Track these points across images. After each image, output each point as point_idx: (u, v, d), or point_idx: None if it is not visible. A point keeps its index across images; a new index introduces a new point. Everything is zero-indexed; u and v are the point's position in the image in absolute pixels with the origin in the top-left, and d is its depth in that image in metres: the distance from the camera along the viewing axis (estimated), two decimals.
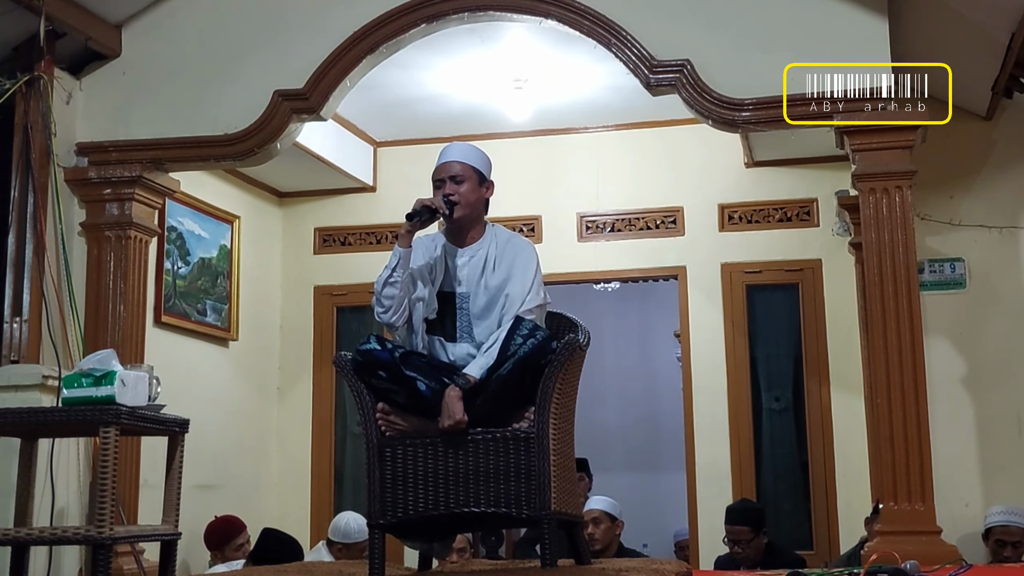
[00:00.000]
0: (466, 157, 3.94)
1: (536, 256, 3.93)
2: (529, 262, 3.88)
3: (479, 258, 3.90)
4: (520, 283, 3.83)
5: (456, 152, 3.95)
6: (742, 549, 5.91)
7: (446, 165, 3.91)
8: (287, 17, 5.75)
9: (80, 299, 5.58)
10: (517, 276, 3.85)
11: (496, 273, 3.87)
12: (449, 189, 3.87)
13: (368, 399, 3.75)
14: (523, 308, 3.78)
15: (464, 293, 3.87)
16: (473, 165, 3.92)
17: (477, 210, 3.93)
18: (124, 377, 3.91)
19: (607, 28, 5.37)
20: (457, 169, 3.90)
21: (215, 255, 6.97)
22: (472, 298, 3.86)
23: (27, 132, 5.44)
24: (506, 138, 7.41)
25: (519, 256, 3.89)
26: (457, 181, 3.88)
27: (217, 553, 6.07)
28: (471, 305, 3.85)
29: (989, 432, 6.21)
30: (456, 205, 3.85)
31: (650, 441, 9.75)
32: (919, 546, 4.68)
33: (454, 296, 3.88)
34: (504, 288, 3.84)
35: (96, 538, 3.81)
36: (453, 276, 3.90)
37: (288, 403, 7.60)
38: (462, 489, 3.64)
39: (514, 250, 3.91)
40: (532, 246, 3.98)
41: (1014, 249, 6.35)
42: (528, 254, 3.91)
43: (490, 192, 3.98)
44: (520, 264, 3.87)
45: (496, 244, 3.92)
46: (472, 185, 3.90)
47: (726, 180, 7.18)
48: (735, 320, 7.05)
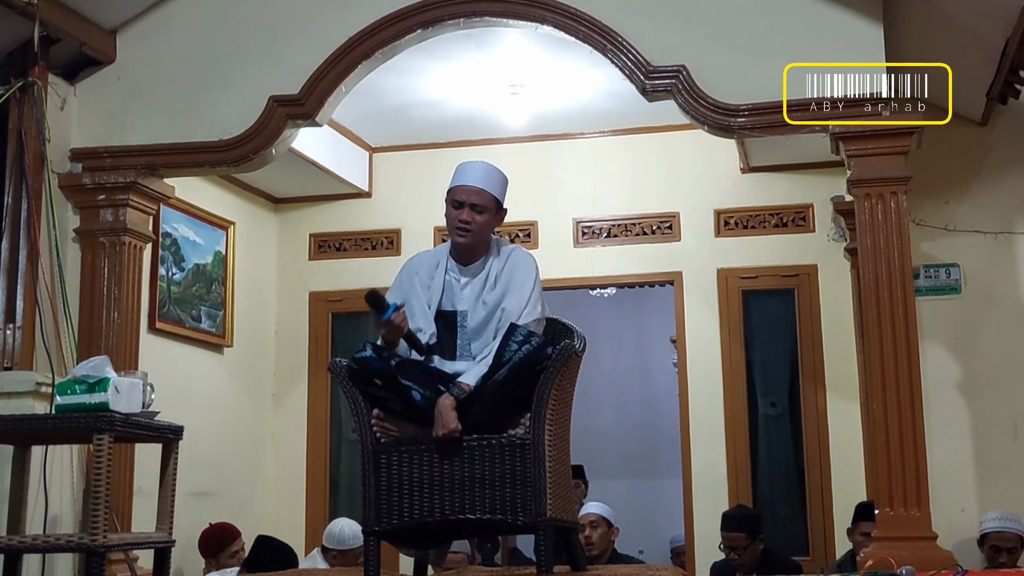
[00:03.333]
0: (490, 185, 3.92)
1: (536, 270, 3.92)
2: (528, 276, 3.88)
3: (481, 276, 3.91)
4: (517, 297, 3.83)
5: (480, 176, 3.92)
6: (738, 555, 5.90)
7: (468, 189, 3.89)
8: (282, 22, 5.75)
9: (74, 305, 5.56)
10: (514, 290, 3.85)
11: (495, 289, 3.87)
12: (467, 217, 3.86)
13: (363, 405, 3.74)
14: (520, 322, 3.77)
15: (464, 311, 3.88)
16: (495, 195, 3.92)
17: (487, 237, 3.95)
18: (118, 384, 3.90)
19: (603, 34, 5.37)
20: (480, 198, 3.88)
21: (210, 261, 6.96)
22: (470, 314, 3.86)
23: (21, 138, 5.43)
24: (502, 144, 7.40)
25: (517, 270, 3.89)
26: (478, 211, 3.87)
27: (212, 561, 6.05)
28: (469, 321, 3.85)
29: (985, 437, 6.20)
30: (470, 233, 3.86)
31: (646, 447, 9.74)
32: (915, 551, 4.67)
33: (455, 315, 3.88)
34: (501, 303, 3.84)
35: (90, 546, 3.81)
36: (456, 295, 3.91)
37: (283, 409, 7.58)
38: (457, 496, 3.63)
39: (513, 265, 3.91)
40: (533, 260, 3.96)
41: (1009, 254, 6.35)
42: (527, 268, 3.90)
43: (503, 218, 3.99)
44: (518, 278, 3.87)
45: (498, 260, 3.93)
46: (489, 216, 3.91)
47: (722, 185, 7.18)
48: (731, 325, 7.05)
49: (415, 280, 3.94)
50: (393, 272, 7.46)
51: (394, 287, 3.98)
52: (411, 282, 3.94)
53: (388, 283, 7.44)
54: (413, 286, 3.92)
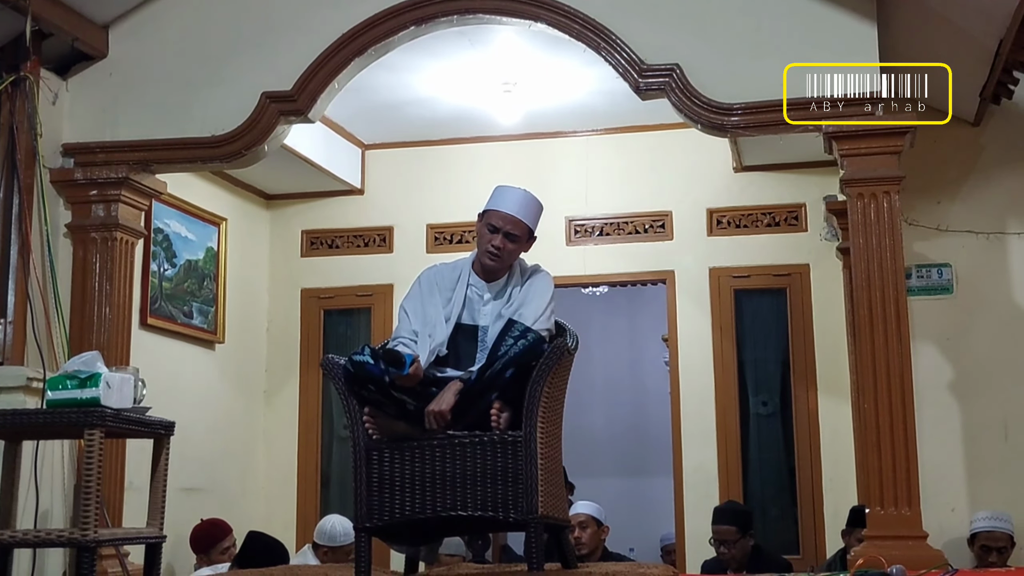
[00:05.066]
0: (527, 215, 3.96)
1: (551, 287, 3.99)
2: (545, 291, 3.95)
3: (504, 295, 3.97)
4: (534, 307, 3.88)
5: (518, 206, 3.96)
6: (728, 549, 5.90)
7: (507, 217, 3.93)
8: (275, 19, 5.74)
9: (65, 301, 5.55)
10: (531, 301, 3.91)
11: (512, 305, 3.93)
12: (500, 244, 3.92)
13: (355, 402, 3.74)
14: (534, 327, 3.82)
15: (485, 327, 3.93)
16: (530, 225, 3.96)
17: (514, 260, 4.00)
18: (109, 379, 3.89)
19: (596, 32, 5.37)
20: (516, 228, 3.93)
21: (202, 257, 6.94)
22: (490, 330, 3.91)
23: (13, 133, 5.41)
24: (495, 141, 7.41)
25: (535, 284, 3.97)
26: (511, 239, 3.93)
27: (203, 556, 6.04)
28: (488, 337, 3.89)
29: (975, 437, 6.22)
30: (499, 259, 3.92)
31: (638, 445, 9.75)
32: (905, 551, 4.69)
33: (476, 329, 3.93)
34: (516, 314, 3.87)
35: (80, 541, 3.80)
36: (476, 310, 3.97)
37: (275, 406, 7.57)
38: (449, 493, 3.63)
39: (531, 282, 3.98)
40: (549, 277, 4.03)
41: (1001, 255, 6.36)
42: (545, 284, 3.98)
43: (531, 245, 4.03)
44: (534, 291, 3.94)
45: (520, 279, 4.00)
46: (520, 244, 3.97)
47: (715, 185, 7.19)
48: (723, 325, 7.06)
49: (435, 291, 3.99)
50: (385, 269, 7.61)
51: (412, 295, 4.02)
52: (431, 292, 3.99)
53: (379, 280, 7.60)
54: (432, 295, 3.98)
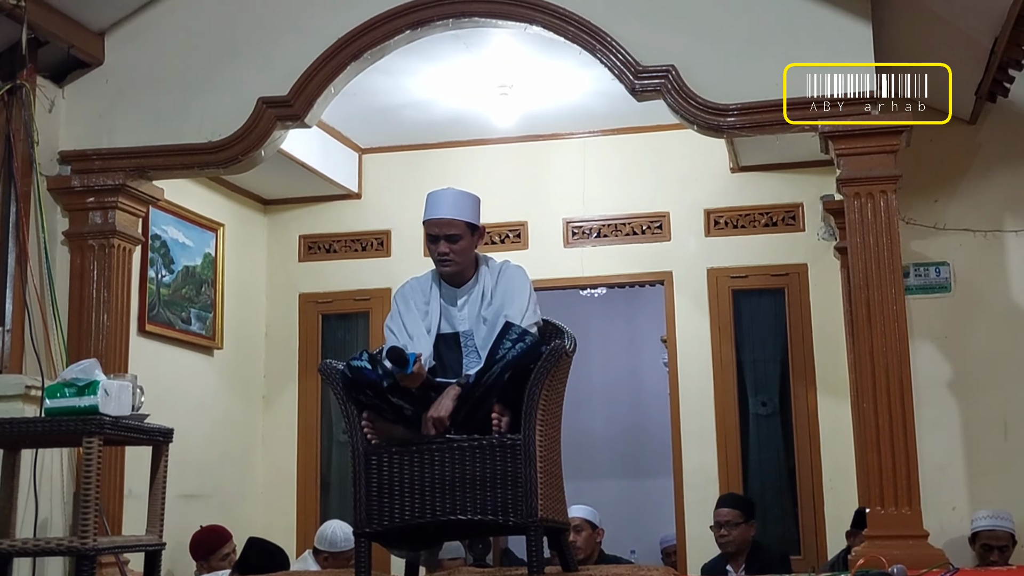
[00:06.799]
0: (459, 212, 3.97)
1: (528, 279, 4.02)
2: (523, 286, 3.98)
3: (476, 294, 3.99)
4: (518, 305, 3.90)
5: (447, 206, 3.97)
6: (727, 532, 5.89)
7: (438, 221, 3.95)
8: (271, 24, 5.73)
9: (63, 308, 5.54)
10: (513, 300, 3.93)
11: (492, 304, 3.95)
12: (444, 248, 3.94)
13: (354, 407, 3.74)
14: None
15: (467, 331, 3.96)
16: (467, 220, 3.96)
17: (471, 259, 4.01)
18: (107, 387, 3.89)
19: (592, 34, 5.37)
20: (452, 227, 3.94)
21: (199, 263, 6.94)
22: (475, 333, 3.93)
23: (9, 140, 5.40)
24: (492, 144, 7.41)
25: (512, 282, 3.99)
26: (453, 240, 3.94)
27: (203, 563, 6.04)
28: (475, 340, 3.91)
29: (975, 436, 6.21)
30: (451, 263, 3.94)
31: (637, 447, 9.73)
32: (906, 550, 4.67)
33: (457, 336, 3.93)
34: (501, 312, 3.89)
35: (80, 549, 3.79)
36: (454, 317, 3.99)
37: (273, 411, 7.56)
38: (448, 497, 3.64)
39: (506, 279, 4.00)
40: (523, 270, 4.06)
41: (999, 253, 6.36)
42: (521, 279, 4.00)
43: (482, 238, 4.06)
44: (513, 288, 3.96)
45: (489, 276, 4.02)
46: (467, 241, 3.97)
47: (712, 185, 7.19)
48: (721, 325, 7.05)
49: (411, 305, 4.02)
50: (383, 273, 7.60)
51: (393, 314, 4.06)
52: (407, 307, 4.03)
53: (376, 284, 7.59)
54: (410, 311, 4.01)
